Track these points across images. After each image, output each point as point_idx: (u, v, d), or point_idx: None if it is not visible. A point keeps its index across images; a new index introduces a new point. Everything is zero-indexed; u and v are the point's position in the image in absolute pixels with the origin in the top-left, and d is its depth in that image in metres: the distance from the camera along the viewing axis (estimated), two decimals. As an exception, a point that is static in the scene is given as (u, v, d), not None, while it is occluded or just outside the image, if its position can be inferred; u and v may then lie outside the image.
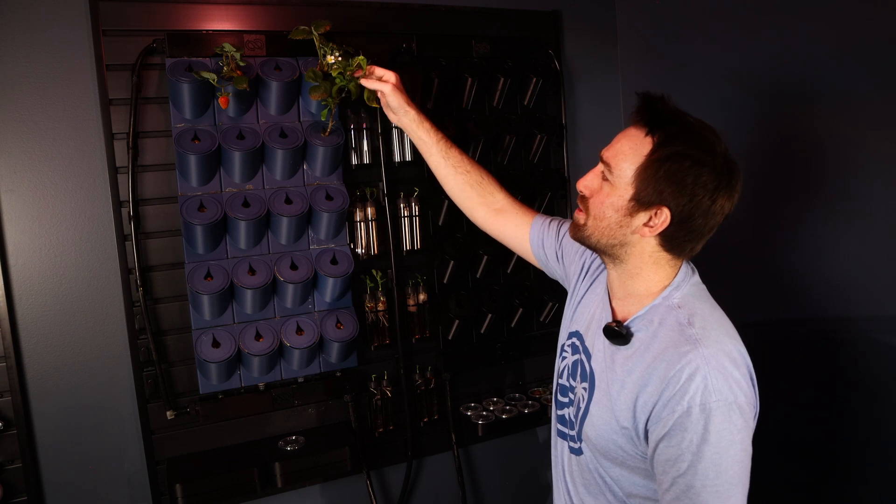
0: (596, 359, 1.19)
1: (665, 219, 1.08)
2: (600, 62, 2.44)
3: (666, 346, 1.07)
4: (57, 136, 1.74)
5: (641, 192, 1.08)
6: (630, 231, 1.12)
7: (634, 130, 1.11)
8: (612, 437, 1.12)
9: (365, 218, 2.03)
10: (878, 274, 1.63)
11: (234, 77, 1.70)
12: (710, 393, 1.00)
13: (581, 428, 1.19)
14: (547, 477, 2.43)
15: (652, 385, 1.06)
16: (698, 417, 1.00)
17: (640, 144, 1.09)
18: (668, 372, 1.04)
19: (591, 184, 1.16)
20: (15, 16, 1.68)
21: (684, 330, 1.07)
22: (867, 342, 1.65)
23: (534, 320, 2.31)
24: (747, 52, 1.93)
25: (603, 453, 1.16)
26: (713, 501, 1.00)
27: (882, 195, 1.61)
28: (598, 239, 1.15)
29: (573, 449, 1.24)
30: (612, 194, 1.11)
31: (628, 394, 1.09)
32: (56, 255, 1.76)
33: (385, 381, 2.07)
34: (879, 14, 1.58)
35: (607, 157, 1.12)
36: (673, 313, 1.10)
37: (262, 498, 1.95)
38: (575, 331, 1.30)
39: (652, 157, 1.07)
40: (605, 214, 1.12)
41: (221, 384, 1.85)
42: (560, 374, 1.32)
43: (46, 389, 1.75)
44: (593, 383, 1.18)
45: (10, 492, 1.72)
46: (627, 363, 1.11)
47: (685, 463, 1.00)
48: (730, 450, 1.00)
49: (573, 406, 1.24)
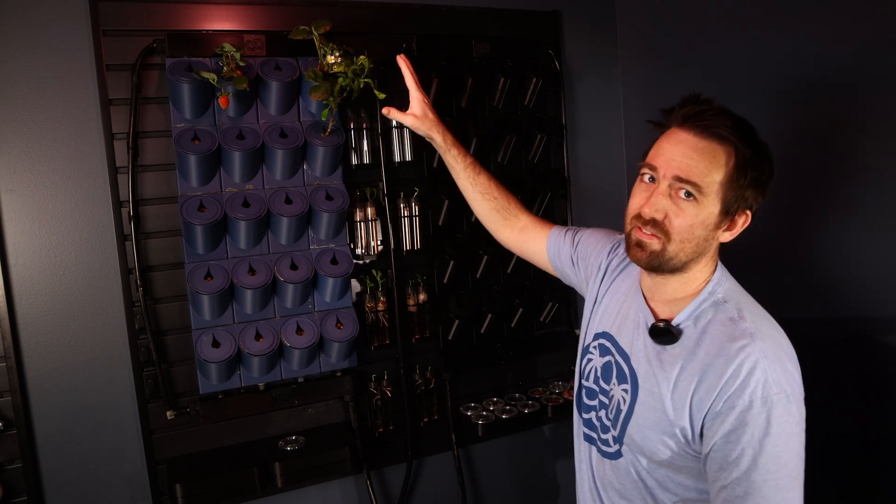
0: (637, 359, 1.16)
1: (746, 220, 1.09)
2: (600, 62, 2.44)
3: (721, 341, 1.05)
4: (57, 136, 1.74)
5: (730, 202, 1.06)
6: (715, 240, 1.10)
7: (697, 140, 1.05)
8: (661, 437, 1.10)
9: (365, 218, 2.03)
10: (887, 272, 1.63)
11: (234, 77, 1.70)
12: (771, 386, 1.00)
13: (623, 431, 1.16)
14: (547, 477, 2.43)
15: (709, 381, 1.04)
16: (760, 411, 0.99)
17: (719, 154, 1.05)
18: (727, 367, 1.02)
19: (664, 206, 1.07)
20: (15, 16, 1.68)
21: (737, 324, 1.06)
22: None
23: (534, 320, 2.31)
24: (747, 52, 1.93)
25: (649, 455, 1.13)
26: (774, 495, 0.99)
27: (884, 194, 1.61)
28: (683, 259, 1.09)
29: (606, 453, 1.21)
30: (700, 213, 1.06)
31: (682, 392, 1.07)
32: (56, 255, 1.76)
33: (385, 381, 2.07)
34: (880, 14, 1.58)
35: (687, 175, 1.04)
36: (721, 308, 1.09)
37: (262, 498, 1.95)
38: (602, 332, 1.27)
39: (738, 165, 1.04)
40: (696, 234, 1.07)
41: (221, 384, 1.85)
42: (585, 377, 1.29)
43: (46, 389, 1.75)
44: (636, 384, 1.15)
45: (10, 492, 1.71)
46: (678, 361, 1.09)
47: (747, 458, 0.99)
48: (789, 442, 1.00)
49: (608, 409, 1.21)
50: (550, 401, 2.19)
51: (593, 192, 2.43)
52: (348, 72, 1.76)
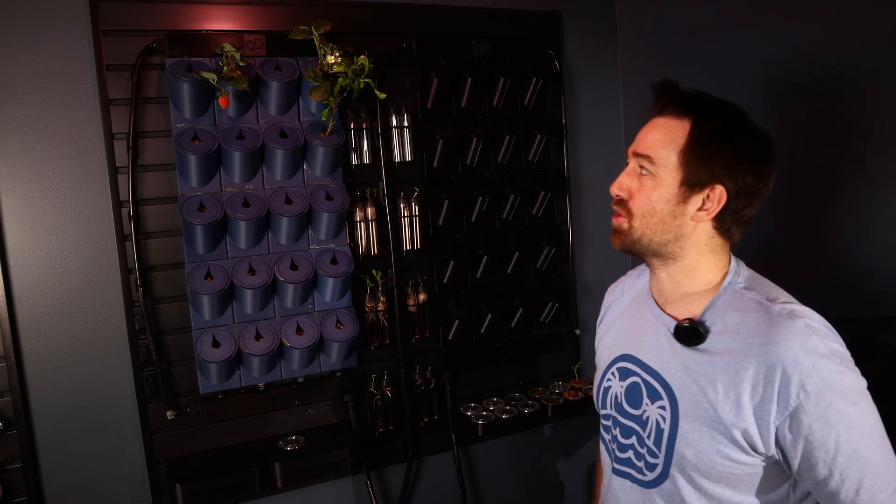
0: (669, 371, 1.09)
1: (720, 196, 1.04)
2: (600, 62, 2.44)
3: (759, 328, 0.99)
4: (57, 136, 1.74)
5: (691, 175, 1.03)
6: (687, 219, 1.06)
7: (663, 119, 1.07)
8: (716, 447, 1.01)
9: (365, 218, 2.03)
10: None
11: (234, 77, 1.70)
12: (825, 360, 0.94)
13: (671, 452, 1.06)
14: (547, 477, 2.43)
15: (755, 371, 0.97)
16: (822, 391, 0.93)
17: (677, 128, 1.05)
18: (775, 353, 0.96)
19: (627, 184, 1.10)
20: (15, 16, 1.68)
21: (770, 308, 1.00)
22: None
23: (534, 320, 2.31)
24: (747, 52, 1.93)
25: (705, 471, 1.03)
26: (876, 455, 0.95)
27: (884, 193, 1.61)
28: (651, 237, 1.08)
29: (645, 482, 1.12)
30: (657, 186, 1.06)
31: (730, 392, 1.00)
32: (56, 255, 1.76)
33: (385, 381, 2.07)
34: (882, 14, 1.58)
35: (642, 149, 1.07)
36: (747, 296, 1.05)
37: (262, 498, 1.95)
38: (621, 354, 1.20)
39: (694, 136, 1.03)
40: (656, 208, 1.06)
41: (221, 384, 1.85)
42: (605, 405, 1.22)
43: (46, 389, 1.75)
44: (674, 398, 1.07)
45: (10, 492, 1.71)
46: (717, 360, 1.02)
47: (832, 438, 0.93)
48: (861, 403, 0.95)
49: (642, 435, 1.12)
50: (550, 401, 2.19)
51: (593, 191, 2.43)
52: (348, 72, 1.77)
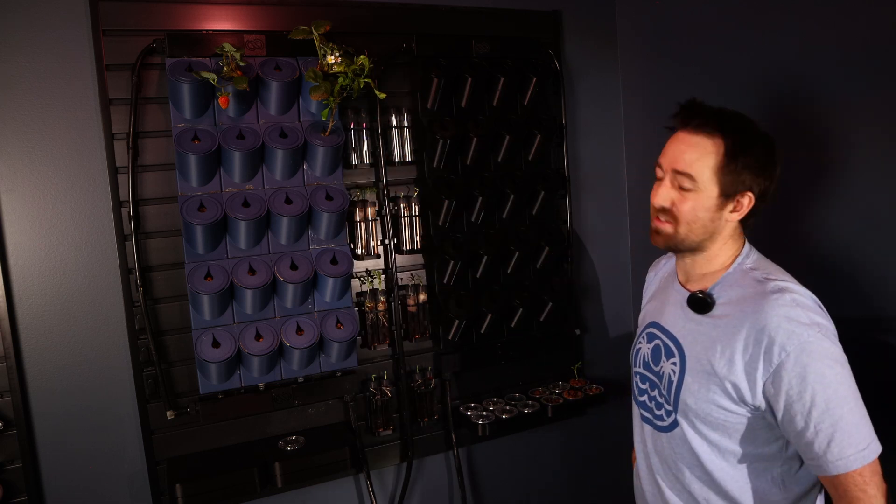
0: (681, 333, 1.31)
1: (750, 201, 1.24)
2: (600, 62, 2.44)
3: (751, 298, 1.19)
4: (57, 136, 1.74)
5: (726, 187, 1.21)
6: (722, 221, 1.25)
7: (695, 137, 1.23)
8: (712, 398, 1.21)
9: (365, 218, 2.03)
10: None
11: (234, 77, 1.70)
12: (809, 328, 1.12)
13: (677, 400, 1.27)
14: (547, 477, 2.44)
15: (746, 334, 1.16)
16: (800, 353, 1.11)
17: (710, 146, 1.21)
18: (762, 320, 1.15)
19: (671, 197, 1.26)
20: (15, 16, 1.69)
21: (764, 284, 1.20)
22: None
23: (534, 320, 2.31)
24: (747, 52, 1.93)
25: (703, 418, 1.23)
26: (849, 415, 1.10)
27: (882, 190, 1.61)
28: (693, 239, 1.27)
29: (661, 427, 1.33)
30: (699, 198, 1.23)
31: (726, 350, 1.19)
32: (56, 255, 1.76)
33: (385, 381, 2.07)
34: (882, 14, 1.58)
35: (682, 167, 1.23)
36: (750, 274, 1.25)
37: (262, 498, 1.95)
38: (650, 322, 1.43)
39: (727, 154, 1.20)
40: (699, 216, 1.24)
41: (221, 384, 1.85)
42: (637, 364, 1.45)
43: (46, 389, 1.75)
44: (683, 355, 1.28)
45: (10, 492, 1.72)
46: (718, 324, 1.23)
47: (808, 394, 1.10)
48: (837, 368, 1.12)
49: (660, 386, 1.33)
50: (550, 401, 2.19)
51: (593, 191, 2.43)
52: (348, 72, 1.77)
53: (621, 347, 2.56)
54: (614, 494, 2.59)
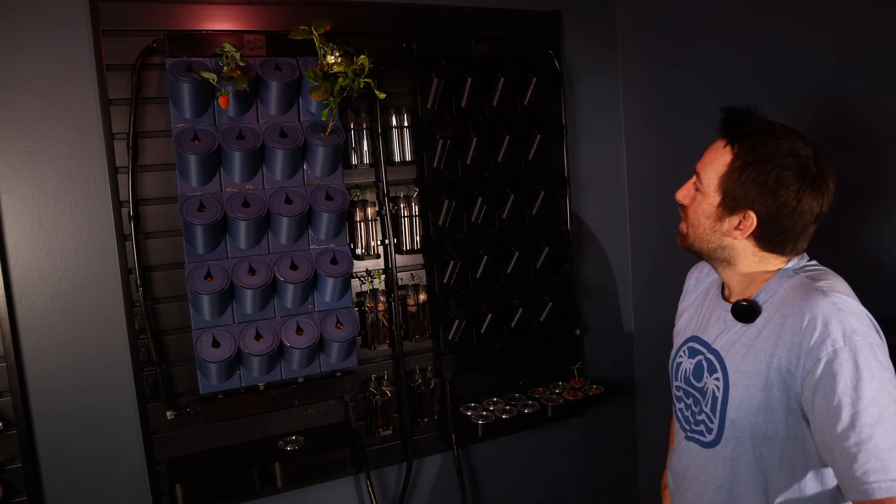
0: (724, 347, 1.24)
1: (752, 221, 1.17)
2: (600, 62, 2.44)
3: (796, 301, 1.12)
4: (57, 136, 1.74)
5: (727, 198, 1.18)
6: (722, 234, 1.21)
7: (719, 143, 1.21)
8: (758, 410, 1.15)
9: (365, 218, 2.03)
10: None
11: (234, 77, 1.70)
12: (851, 333, 1.04)
13: (723, 417, 1.21)
14: (547, 477, 2.43)
15: (789, 337, 1.10)
16: (846, 358, 1.03)
17: (722, 154, 1.19)
18: (803, 321, 1.08)
19: (687, 194, 1.26)
20: (15, 16, 1.69)
21: (809, 285, 1.13)
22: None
23: (534, 320, 2.31)
24: (747, 52, 1.93)
25: (750, 433, 1.17)
26: (884, 442, 0.99)
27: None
28: (699, 245, 1.25)
29: (706, 443, 1.27)
30: (702, 203, 1.22)
31: (767, 357, 1.13)
32: (56, 255, 1.76)
33: (385, 381, 2.07)
34: (882, 14, 1.58)
35: (699, 167, 1.23)
36: (795, 278, 1.18)
37: (262, 498, 1.95)
38: (691, 336, 1.37)
39: (734, 165, 1.17)
40: (700, 222, 1.23)
41: (221, 384, 1.85)
42: (677, 378, 1.38)
43: (46, 389, 1.75)
44: (725, 370, 1.21)
45: (10, 492, 1.72)
46: (762, 333, 1.16)
47: (846, 408, 1.01)
48: (884, 387, 1.02)
49: (704, 403, 1.27)
50: (550, 401, 2.19)
51: (593, 191, 2.43)
52: (348, 72, 1.77)
53: (621, 347, 2.56)
54: (614, 494, 2.60)
